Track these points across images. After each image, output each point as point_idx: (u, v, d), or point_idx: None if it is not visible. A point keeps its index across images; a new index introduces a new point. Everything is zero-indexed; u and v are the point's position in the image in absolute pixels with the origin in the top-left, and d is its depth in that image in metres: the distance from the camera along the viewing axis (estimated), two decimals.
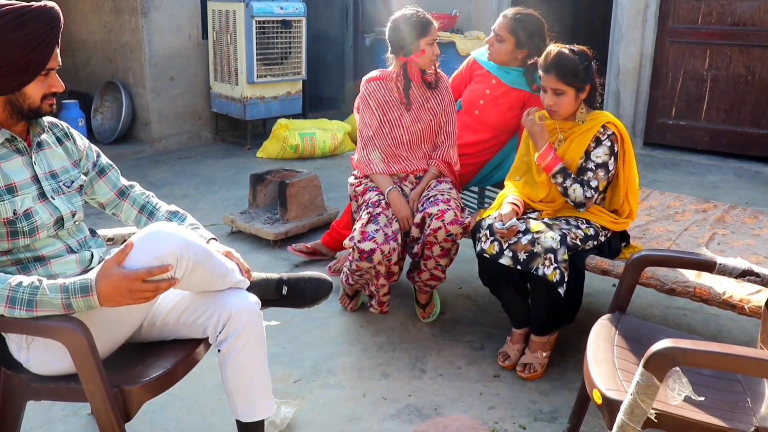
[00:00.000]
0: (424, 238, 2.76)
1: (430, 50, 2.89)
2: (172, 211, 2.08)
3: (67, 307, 1.60)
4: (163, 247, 1.64)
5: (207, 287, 1.82)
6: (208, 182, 5.30)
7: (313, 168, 5.67)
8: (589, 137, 2.55)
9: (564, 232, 2.47)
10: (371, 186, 2.96)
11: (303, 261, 3.74)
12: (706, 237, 2.82)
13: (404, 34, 2.88)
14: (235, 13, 5.93)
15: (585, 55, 2.55)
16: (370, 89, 3.00)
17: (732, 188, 5.44)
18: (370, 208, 2.82)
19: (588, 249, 2.53)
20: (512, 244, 2.49)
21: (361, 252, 2.69)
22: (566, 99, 2.54)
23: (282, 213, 4.02)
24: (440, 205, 2.76)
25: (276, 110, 6.39)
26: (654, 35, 6.38)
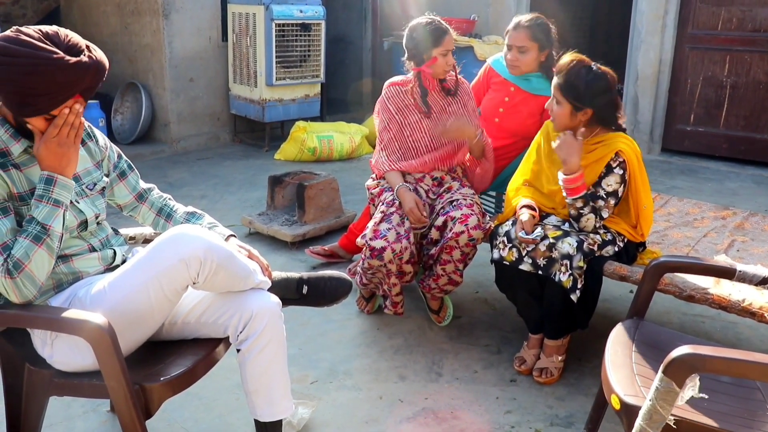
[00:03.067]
0: (445, 242, 2.76)
1: (443, 60, 2.88)
2: (190, 212, 2.11)
3: (55, 203, 1.70)
4: (186, 250, 1.66)
5: (229, 288, 1.84)
6: (226, 183, 5.34)
7: (331, 171, 5.69)
8: (601, 166, 2.51)
9: (581, 238, 2.48)
10: (387, 187, 2.98)
11: (320, 263, 3.75)
12: (725, 243, 2.80)
13: (417, 43, 2.88)
14: (255, 16, 5.98)
15: (601, 79, 2.44)
16: (390, 93, 3.02)
17: (751, 195, 5.40)
18: (383, 207, 2.84)
19: (607, 256, 2.52)
20: (531, 251, 2.50)
21: (372, 249, 2.71)
22: (560, 110, 2.50)
23: (300, 215, 4.04)
24: (464, 209, 2.77)
25: (294, 113, 6.42)
26: (673, 41, 6.35)
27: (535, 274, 2.54)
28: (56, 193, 1.68)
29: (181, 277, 1.69)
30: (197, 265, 1.66)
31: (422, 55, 2.87)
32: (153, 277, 1.65)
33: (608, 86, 2.46)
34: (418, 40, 2.87)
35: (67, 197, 1.71)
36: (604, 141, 2.53)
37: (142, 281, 1.66)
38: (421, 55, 2.88)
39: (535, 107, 3.17)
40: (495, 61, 3.36)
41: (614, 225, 2.57)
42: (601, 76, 2.45)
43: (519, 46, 3.10)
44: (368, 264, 2.75)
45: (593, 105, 2.46)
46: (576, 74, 2.44)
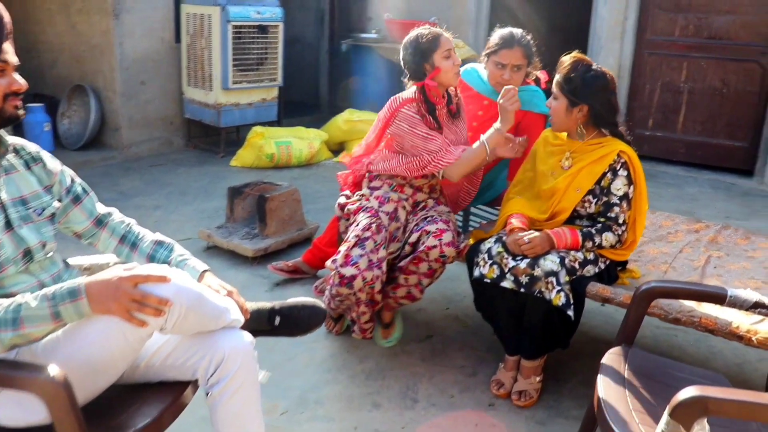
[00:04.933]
0: (415, 254, 2.65)
1: (448, 63, 2.71)
2: (157, 241, 1.94)
3: (55, 317, 1.47)
4: (153, 294, 1.51)
5: (200, 330, 1.69)
6: (181, 192, 5.12)
7: (290, 178, 5.54)
8: (601, 167, 2.47)
9: (563, 255, 2.40)
10: (366, 206, 2.81)
11: (283, 279, 3.60)
12: (702, 260, 2.76)
13: (414, 54, 2.71)
14: (211, 17, 5.77)
15: (599, 78, 2.45)
16: (413, 110, 2.74)
17: (710, 200, 5.45)
18: (359, 230, 2.67)
19: (588, 276, 2.45)
20: (512, 269, 2.41)
21: (341, 277, 2.57)
22: (557, 105, 2.50)
23: (261, 228, 3.88)
24: (439, 224, 2.67)
25: (251, 117, 6.23)
26: (632, 47, 6.39)
27: (515, 293, 2.45)
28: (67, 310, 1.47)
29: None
30: (165, 311, 1.51)
31: (423, 67, 2.71)
32: (115, 323, 1.49)
33: (606, 85, 2.46)
34: (414, 51, 2.71)
35: (71, 319, 1.50)
36: (603, 143, 2.51)
37: (103, 328, 1.50)
38: (421, 68, 2.71)
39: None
40: (465, 73, 3.22)
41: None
42: (600, 74, 2.47)
43: (516, 65, 2.96)
44: (337, 291, 2.62)
45: (589, 101, 2.45)
46: (574, 69, 2.45)
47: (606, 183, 2.49)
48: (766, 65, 5.87)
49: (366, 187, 2.91)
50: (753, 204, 5.44)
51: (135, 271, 1.50)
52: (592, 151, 2.50)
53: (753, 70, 5.95)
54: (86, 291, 1.47)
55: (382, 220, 2.72)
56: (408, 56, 2.74)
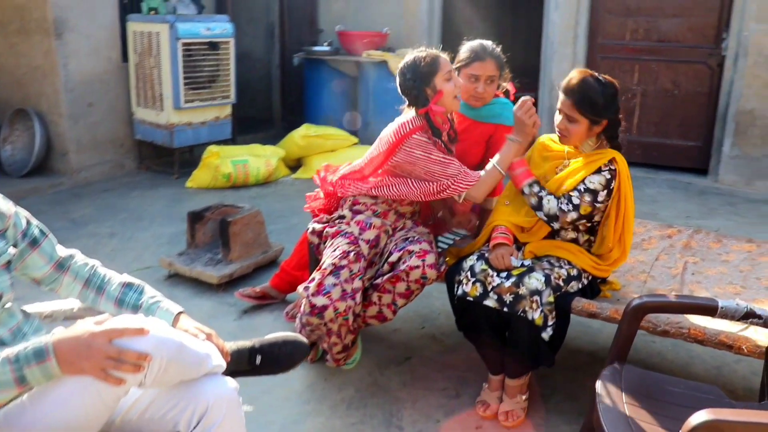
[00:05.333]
0: (395, 272, 2.55)
1: (450, 86, 2.60)
2: (126, 284, 1.80)
3: (20, 382, 1.34)
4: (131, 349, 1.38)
5: (181, 379, 1.57)
6: (137, 218, 4.93)
7: (248, 197, 5.41)
8: (591, 169, 2.45)
9: (548, 273, 2.34)
10: (346, 230, 2.68)
11: (252, 306, 3.47)
12: (679, 267, 2.75)
13: (414, 80, 2.59)
14: (159, 35, 5.59)
15: (611, 88, 2.44)
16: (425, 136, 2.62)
17: (669, 201, 5.51)
18: (336, 258, 2.55)
19: (572, 291, 2.40)
20: (496, 287, 2.35)
21: (312, 306, 2.47)
22: (578, 128, 2.44)
23: (224, 253, 3.74)
24: (423, 245, 2.58)
25: (204, 136, 6.07)
26: (585, 51, 6.45)
27: (498, 312, 2.39)
28: (33, 373, 1.34)
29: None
30: (144, 366, 1.38)
31: (425, 92, 2.60)
32: (88, 382, 1.36)
33: (617, 93, 2.46)
34: (414, 76, 2.58)
35: (38, 383, 1.37)
36: (601, 154, 2.49)
37: (74, 389, 1.36)
38: (423, 93, 2.60)
39: (480, 135, 3.00)
40: None
41: (577, 260, 2.45)
42: (611, 85, 2.45)
43: (489, 76, 2.87)
44: (307, 320, 2.51)
45: (608, 115, 2.43)
46: (591, 89, 2.40)
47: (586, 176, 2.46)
48: (713, 66, 5.99)
49: (348, 210, 2.78)
50: (710, 202, 5.53)
51: (108, 324, 1.37)
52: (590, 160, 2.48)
53: (702, 71, 6.07)
54: (54, 351, 1.33)
55: (361, 248, 2.61)
56: (408, 82, 2.61)
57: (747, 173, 5.87)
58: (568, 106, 2.42)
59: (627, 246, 2.49)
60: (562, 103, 2.45)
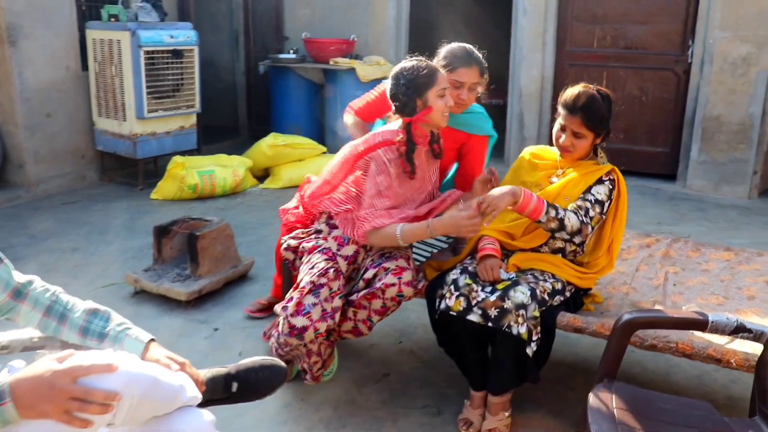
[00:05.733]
0: (370, 289, 2.46)
1: (441, 103, 2.50)
2: (91, 310, 1.67)
3: None
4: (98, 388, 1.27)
5: (154, 415, 1.45)
6: (101, 231, 4.76)
7: (215, 209, 5.27)
8: (592, 178, 2.43)
9: (533, 287, 2.28)
10: (323, 246, 2.57)
11: (224, 323, 3.35)
12: (660, 277, 2.71)
13: (407, 89, 2.48)
14: (120, 43, 5.43)
15: (609, 101, 2.46)
16: (389, 155, 2.52)
17: (640, 207, 5.52)
18: (314, 276, 2.44)
19: (556, 305, 2.35)
20: (481, 302, 2.27)
21: (291, 327, 2.36)
22: (585, 143, 2.45)
23: (193, 268, 3.61)
24: (399, 261, 2.49)
25: (169, 146, 5.91)
26: (554, 58, 6.46)
27: (482, 327, 2.31)
28: None
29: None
30: (113, 406, 1.27)
31: (415, 103, 2.49)
32: (50, 425, 1.24)
33: (611, 104, 2.48)
34: (408, 84, 2.48)
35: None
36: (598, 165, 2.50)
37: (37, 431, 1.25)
38: (413, 103, 2.49)
39: (454, 142, 2.93)
40: None
41: (561, 272, 2.40)
42: (608, 97, 2.47)
43: (474, 83, 2.77)
44: (285, 341, 2.41)
45: (609, 126, 2.47)
46: (598, 105, 2.41)
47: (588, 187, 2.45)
48: (680, 73, 6.04)
49: (324, 224, 2.67)
50: (680, 208, 5.56)
51: (72, 361, 1.26)
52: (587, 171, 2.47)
53: (668, 77, 6.12)
54: (12, 393, 1.21)
55: (339, 265, 2.51)
56: (400, 89, 2.51)
57: (714, 178, 5.93)
58: (577, 124, 2.41)
59: (615, 255, 2.47)
60: (568, 120, 2.43)
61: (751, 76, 5.63)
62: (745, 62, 5.62)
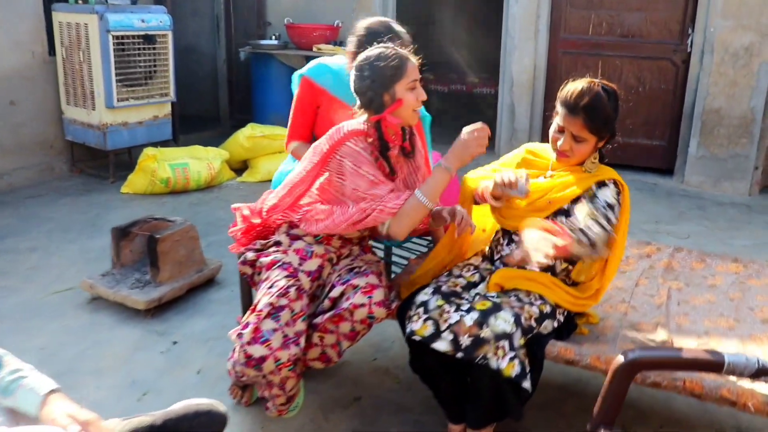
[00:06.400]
0: (337, 311, 2.17)
1: (412, 97, 2.18)
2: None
3: None
4: None
5: None
6: (64, 229, 4.46)
7: (188, 204, 4.98)
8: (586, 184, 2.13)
9: (517, 312, 2.00)
10: (283, 260, 2.26)
11: (185, 337, 3.07)
12: (662, 294, 2.44)
13: (372, 83, 2.15)
14: (87, 27, 5.10)
15: (616, 98, 2.14)
16: (361, 144, 2.20)
17: (637, 204, 5.21)
18: (273, 296, 2.14)
19: (546, 333, 2.07)
20: (453, 325, 1.99)
21: (248, 357, 2.07)
22: (585, 147, 2.13)
23: (153, 274, 3.32)
24: (369, 278, 2.20)
25: (142, 137, 5.60)
26: (547, 46, 6.16)
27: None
28: None
29: None
30: None
31: (382, 97, 2.16)
32: None
33: (618, 103, 2.15)
34: (374, 76, 2.15)
35: None
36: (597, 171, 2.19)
37: None
38: (380, 98, 2.17)
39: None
40: (314, 72, 2.72)
41: (552, 294, 2.12)
42: (614, 93, 2.14)
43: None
44: (242, 371, 2.13)
45: (614, 128, 2.16)
46: (603, 105, 2.08)
47: (590, 193, 2.14)
48: (678, 63, 5.76)
49: (284, 235, 2.36)
50: (678, 205, 5.30)
51: None
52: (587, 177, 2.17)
53: (666, 67, 5.83)
54: None
55: (301, 282, 2.21)
56: (364, 81, 2.18)
57: (713, 174, 5.67)
58: (578, 126, 2.08)
59: (611, 276, 2.18)
60: (567, 122, 2.11)
61: (754, 67, 5.35)
62: (747, 52, 5.34)
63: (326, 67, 2.74)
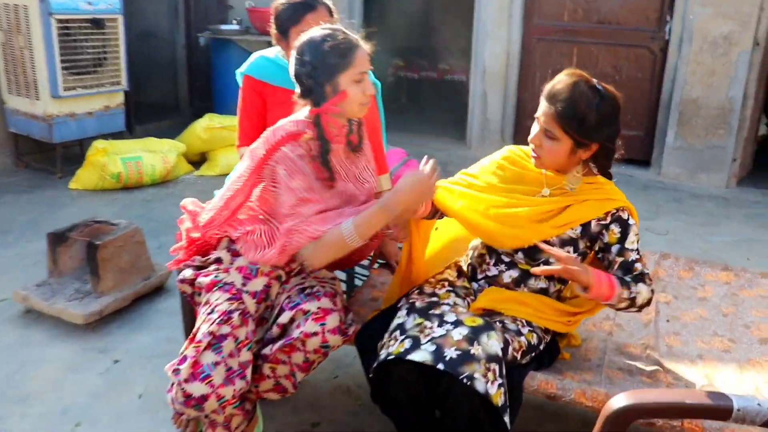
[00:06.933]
0: (288, 340, 1.90)
1: (357, 90, 1.90)
2: None
3: None
4: None
5: None
6: (3, 230, 4.11)
7: (141, 200, 4.67)
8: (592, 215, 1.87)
9: (507, 338, 1.76)
10: (224, 280, 1.98)
11: (127, 354, 2.78)
12: (650, 309, 2.21)
13: (311, 72, 1.87)
14: (27, 10, 4.72)
15: (610, 104, 1.82)
16: (298, 151, 1.91)
17: None
18: (214, 324, 1.87)
19: (525, 363, 1.83)
20: (437, 337, 1.72)
21: (187, 396, 1.79)
22: (556, 148, 1.83)
23: (94, 283, 3.03)
24: (322, 301, 1.92)
25: (92, 128, 5.23)
26: (520, 33, 5.92)
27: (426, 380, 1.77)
28: None
29: None
30: None
31: (323, 88, 1.88)
32: None
33: (617, 112, 1.84)
34: (315, 63, 1.86)
35: None
36: (595, 184, 1.91)
37: None
38: (321, 88, 1.88)
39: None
40: (254, 69, 2.48)
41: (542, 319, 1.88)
42: (611, 99, 1.83)
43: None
44: (181, 410, 1.85)
45: (601, 138, 1.82)
46: (584, 100, 1.78)
47: (613, 239, 1.88)
48: (656, 51, 5.56)
49: (225, 250, 2.08)
50: (656, 198, 5.12)
51: None
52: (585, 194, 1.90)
53: (643, 55, 5.63)
54: None
55: (246, 305, 1.94)
56: (304, 68, 1.89)
57: (691, 165, 5.50)
58: (549, 117, 1.82)
59: None
60: (542, 111, 1.86)
61: (733, 56, 5.17)
62: (726, 41, 5.15)
63: (264, 59, 2.49)
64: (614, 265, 1.88)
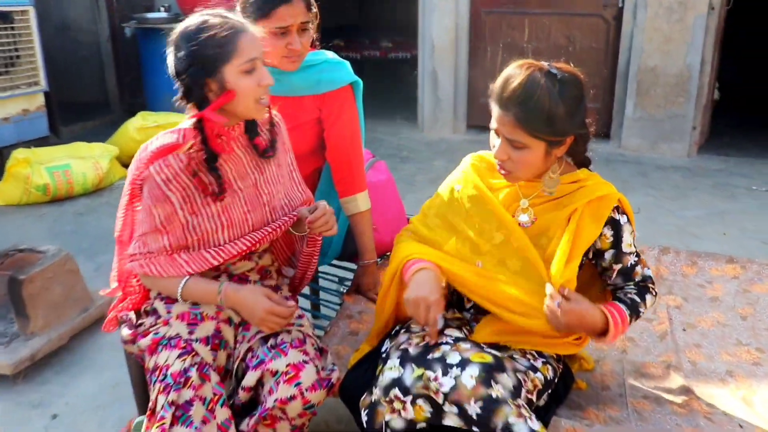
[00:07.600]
0: (264, 411, 1.59)
1: (249, 83, 1.58)
2: None
3: None
4: None
5: None
6: None
7: (72, 213, 4.24)
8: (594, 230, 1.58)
9: (519, 378, 1.47)
10: (167, 335, 1.65)
11: (67, 407, 2.42)
12: (661, 316, 1.99)
13: (188, 67, 1.55)
14: None
15: (573, 86, 1.53)
16: (165, 173, 1.61)
17: None
18: (172, 392, 1.52)
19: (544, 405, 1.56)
20: (450, 394, 1.43)
21: None
22: (528, 157, 1.55)
23: (21, 324, 2.64)
24: (291, 354, 1.60)
25: (11, 136, 4.75)
26: (469, 4, 5.64)
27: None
28: None
29: None
30: None
31: (204, 85, 1.56)
32: None
33: (582, 92, 1.56)
34: (190, 56, 1.54)
35: None
36: (579, 182, 1.62)
37: None
38: (201, 86, 1.56)
39: (307, 115, 2.11)
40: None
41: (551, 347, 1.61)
42: (572, 80, 1.54)
43: (302, 23, 1.92)
44: None
45: (574, 128, 1.55)
46: (545, 94, 1.48)
47: (606, 245, 1.62)
48: (609, 19, 5.36)
49: (157, 299, 1.74)
50: (621, 173, 4.96)
51: None
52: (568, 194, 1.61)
53: (597, 24, 5.44)
54: None
55: (201, 356, 1.61)
56: (181, 63, 1.57)
57: (651, 136, 5.35)
58: (510, 125, 1.52)
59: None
60: (498, 120, 1.55)
61: (689, 21, 5.01)
62: (681, 6, 4.98)
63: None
64: (612, 272, 1.64)
